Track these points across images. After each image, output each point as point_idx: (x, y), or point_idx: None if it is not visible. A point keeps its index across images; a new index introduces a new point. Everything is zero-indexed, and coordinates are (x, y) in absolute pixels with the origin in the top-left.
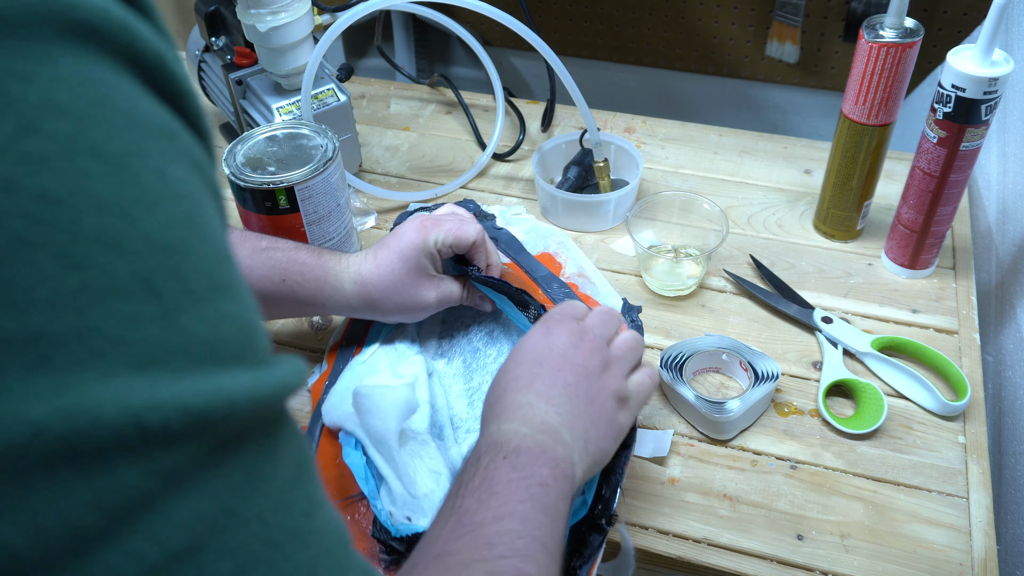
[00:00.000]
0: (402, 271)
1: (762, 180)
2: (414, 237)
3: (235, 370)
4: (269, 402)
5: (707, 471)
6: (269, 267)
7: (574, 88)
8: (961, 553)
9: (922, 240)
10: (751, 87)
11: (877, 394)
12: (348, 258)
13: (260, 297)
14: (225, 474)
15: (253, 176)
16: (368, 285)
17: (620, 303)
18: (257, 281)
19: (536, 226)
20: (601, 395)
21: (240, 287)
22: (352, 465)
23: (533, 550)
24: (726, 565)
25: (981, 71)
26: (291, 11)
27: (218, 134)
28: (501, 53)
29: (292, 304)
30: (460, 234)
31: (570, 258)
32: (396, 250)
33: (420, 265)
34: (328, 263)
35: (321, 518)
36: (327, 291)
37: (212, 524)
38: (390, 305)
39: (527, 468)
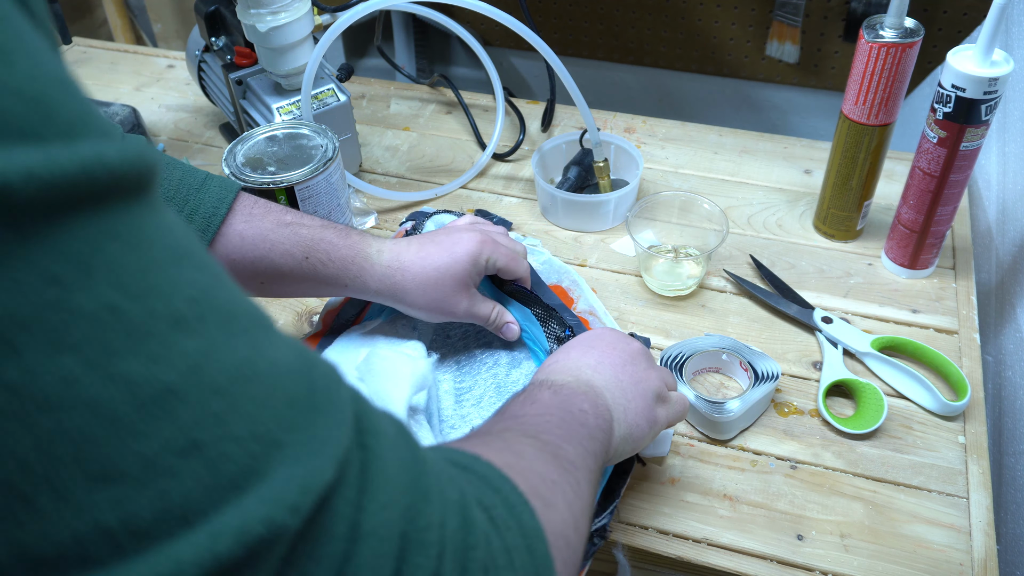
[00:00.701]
0: (448, 274)
1: (762, 180)
2: (472, 247)
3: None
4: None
5: (707, 471)
6: (292, 242)
7: (574, 88)
8: (961, 553)
9: (922, 240)
10: (751, 87)
11: (877, 394)
12: (383, 242)
13: (280, 273)
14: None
15: (253, 176)
16: (406, 272)
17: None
18: (279, 257)
19: (550, 260)
20: (644, 383)
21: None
22: None
23: (572, 438)
24: (726, 565)
25: (981, 71)
26: (291, 11)
27: (218, 134)
28: (501, 53)
29: (313, 283)
30: (511, 265)
31: (582, 296)
32: (449, 251)
33: (467, 275)
34: (357, 244)
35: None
36: (352, 271)
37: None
38: (420, 300)
39: (568, 397)
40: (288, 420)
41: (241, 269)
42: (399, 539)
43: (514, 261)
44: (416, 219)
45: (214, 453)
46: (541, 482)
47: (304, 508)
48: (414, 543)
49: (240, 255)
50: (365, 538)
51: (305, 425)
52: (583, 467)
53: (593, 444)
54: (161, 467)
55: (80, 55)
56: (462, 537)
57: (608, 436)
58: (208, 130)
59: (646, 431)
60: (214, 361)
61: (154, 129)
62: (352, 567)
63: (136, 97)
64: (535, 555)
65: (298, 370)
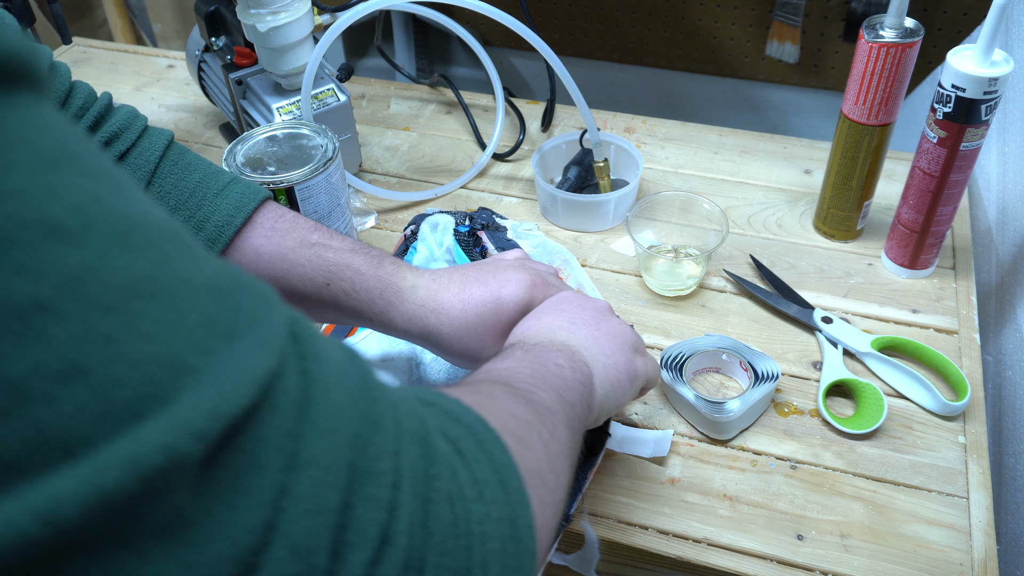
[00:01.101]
0: (492, 321)
1: (762, 180)
2: (521, 292)
3: None
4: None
5: (707, 471)
6: (314, 266)
7: (574, 88)
8: (961, 553)
9: (922, 240)
10: (751, 87)
11: (877, 394)
12: (418, 275)
13: (298, 298)
14: None
15: (253, 176)
16: (442, 315)
17: None
18: (297, 280)
19: (544, 242)
20: (620, 337)
21: None
22: None
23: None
24: (726, 565)
25: (981, 71)
26: (291, 11)
27: (218, 134)
28: (501, 53)
29: (335, 312)
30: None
31: (572, 275)
32: (495, 294)
33: (513, 323)
34: (388, 276)
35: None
36: (378, 306)
37: None
38: (457, 347)
39: (542, 354)
40: (202, 343)
41: None
42: (346, 469)
43: None
44: (417, 222)
45: (101, 377)
46: (513, 420)
47: (211, 434)
48: (364, 473)
49: (254, 272)
50: (303, 467)
51: (222, 348)
52: (560, 413)
53: (571, 395)
54: (32, 393)
55: (80, 55)
56: (423, 467)
57: (589, 391)
58: (208, 130)
59: (627, 386)
60: (101, 275)
61: None
62: (290, 499)
63: (136, 97)
64: (508, 489)
65: (218, 289)
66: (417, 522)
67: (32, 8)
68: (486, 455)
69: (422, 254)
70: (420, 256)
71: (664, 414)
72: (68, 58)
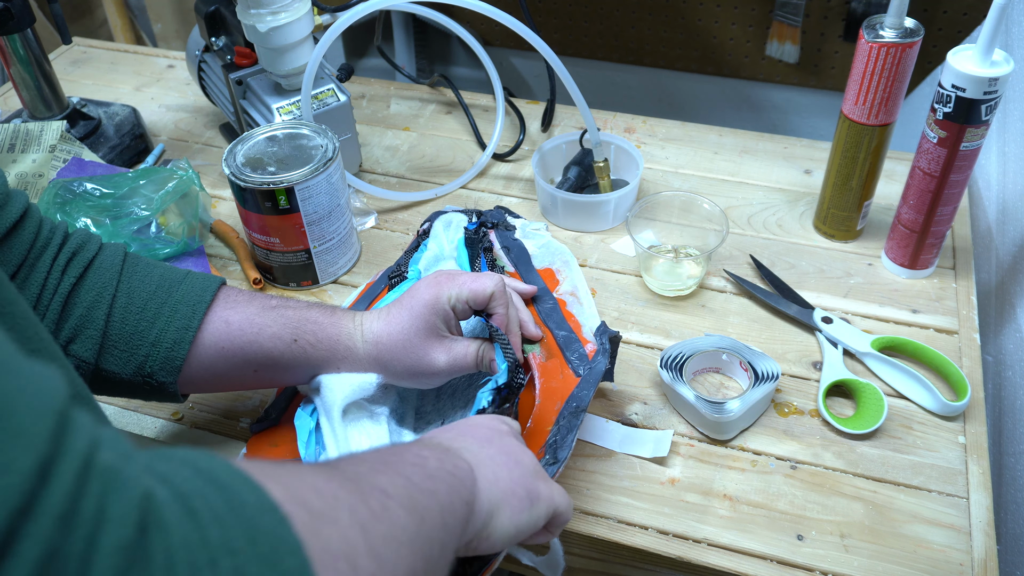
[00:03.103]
0: (411, 331)
1: (762, 180)
2: (426, 294)
3: None
4: None
5: (707, 471)
6: (280, 324)
7: (574, 88)
8: (961, 553)
9: (922, 240)
10: (751, 87)
11: (877, 394)
12: (362, 316)
13: (272, 359)
14: None
15: (253, 176)
16: (380, 345)
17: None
18: (267, 340)
19: (549, 243)
20: (517, 454)
21: None
22: (299, 428)
23: (390, 471)
24: (726, 565)
25: (981, 71)
26: (291, 11)
27: (218, 134)
28: (501, 53)
29: (305, 367)
30: (476, 288)
31: (568, 277)
32: (407, 307)
33: (431, 325)
34: (341, 321)
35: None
36: (340, 351)
37: None
38: (399, 367)
39: (407, 447)
40: None
41: (231, 357)
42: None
43: (477, 282)
44: (432, 220)
45: None
46: (313, 492)
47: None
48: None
49: (228, 342)
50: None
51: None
52: (401, 497)
53: (431, 483)
54: None
55: (80, 55)
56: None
57: (466, 487)
58: (208, 130)
59: (525, 503)
60: None
61: (154, 129)
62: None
63: (136, 97)
64: (278, 567)
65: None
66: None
67: (32, 8)
68: (242, 520)
69: (431, 252)
70: (429, 254)
71: (664, 414)
72: (68, 58)
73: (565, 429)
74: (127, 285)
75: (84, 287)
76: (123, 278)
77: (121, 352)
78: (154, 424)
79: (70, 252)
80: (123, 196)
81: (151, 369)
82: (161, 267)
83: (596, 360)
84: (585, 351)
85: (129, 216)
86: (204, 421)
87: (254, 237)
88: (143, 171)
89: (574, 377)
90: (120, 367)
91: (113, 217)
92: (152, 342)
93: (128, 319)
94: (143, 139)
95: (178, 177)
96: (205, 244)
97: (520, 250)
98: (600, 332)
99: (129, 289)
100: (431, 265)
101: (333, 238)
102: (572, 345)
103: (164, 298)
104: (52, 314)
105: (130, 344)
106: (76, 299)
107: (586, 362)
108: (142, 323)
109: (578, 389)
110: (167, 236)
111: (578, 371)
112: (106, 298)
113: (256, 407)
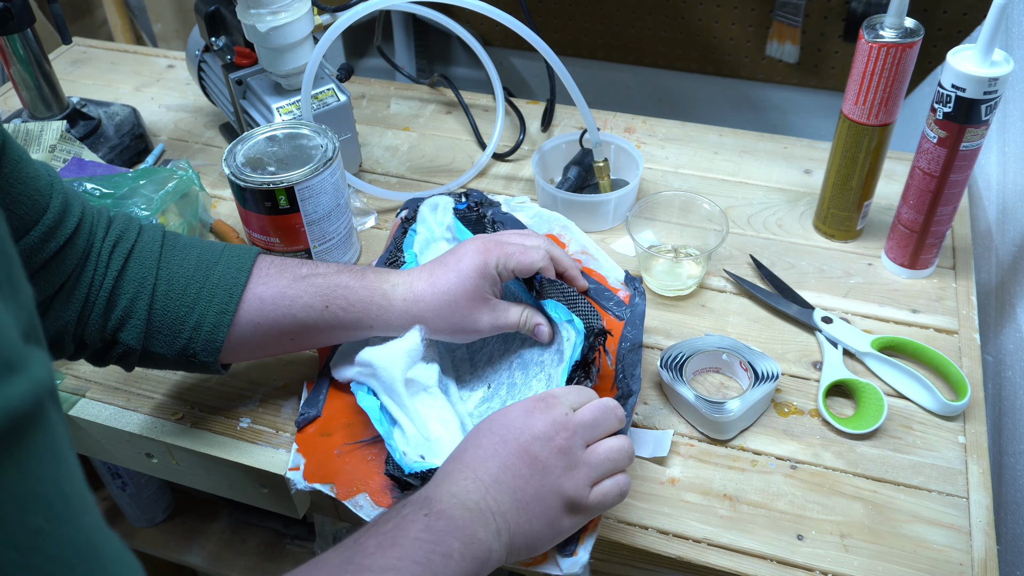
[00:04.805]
0: (459, 293)
1: (762, 180)
2: (476, 259)
3: None
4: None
5: (707, 471)
6: (311, 294)
7: (574, 88)
8: (961, 553)
9: (922, 240)
10: (751, 87)
11: (877, 394)
12: (398, 276)
13: (305, 327)
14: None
15: (253, 176)
16: (421, 303)
17: (623, 274)
18: (300, 311)
19: (540, 212)
20: (550, 496)
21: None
22: (367, 408)
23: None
24: (726, 565)
25: (981, 71)
26: (291, 11)
27: (218, 134)
28: (501, 53)
29: (338, 330)
30: (524, 260)
31: (573, 238)
32: (455, 270)
33: (479, 289)
34: (373, 283)
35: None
36: (373, 312)
37: None
38: (442, 325)
39: (439, 534)
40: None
41: (268, 330)
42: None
43: (525, 255)
44: (409, 207)
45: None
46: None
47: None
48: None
49: (263, 317)
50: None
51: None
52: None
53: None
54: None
55: (80, 55)
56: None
57: (481, 566)
58: (208, 130)
59: (543, 545)
60: None
61: (154, 129)
62: None
63: (136, 97)
64: None
65: None
66: None
67: (32, 8)
68: None
69: (422, 235)
70: (420, 237)
71: (664, 414)
72: (68, 58)
73: (630, 365)
74: (166, 271)
75: (126, 278)
76: (162, 263)
77: (165, 337)
78: (155, 424)
79: (112, 243)
80: (123, 196)
81: (193, 350)
82: (198, 246)
83: (634, 303)
84: (619, 297)
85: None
86: (204, 421)
87: (254, 237)
88: (143, 171)
89: (617, 322)
90: (165, 349)
91: None
92: (193, 326)
93: (169, 306)
94: (143, 139)
95: (178, 177)
96: None
97: (514, 222)
98: (629, 280)
99: (169, 275)
100: (423, 249)
101: (333, 238)
102: (604, 294)
103: (202, 281)
104: (99, 307)
105: (172, 329)
106: (120, 290)
107: (624, 307)
108: (182, 308)
109: (626, 330)
110: None
111: (619, 316)
112: (147, 287)
113: (256, 407)
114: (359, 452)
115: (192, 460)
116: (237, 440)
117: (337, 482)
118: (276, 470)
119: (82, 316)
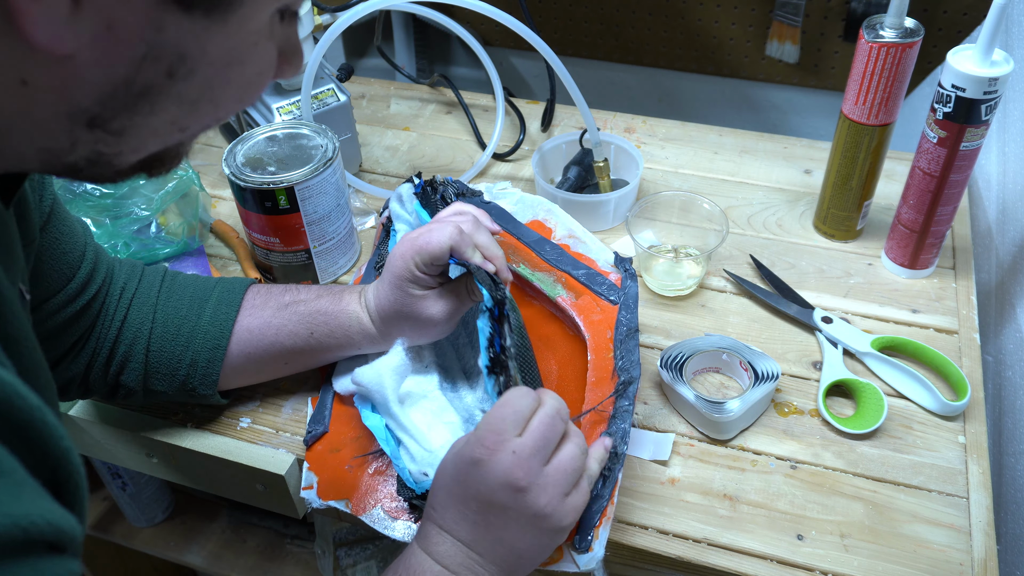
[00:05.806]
0: (398, 300)
1: (762, 180)
2: (399, 264)
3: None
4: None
5: (707, 471)
6: (295, 323)
7: (574, 88)
8: (961, 553)
9: (922, 240)
10: (751, 87)
11: (877, 394)
12: (365, 293)
13: (295, 352)
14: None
15: (253, 176)
16: (382, 316)
17: (612, 256)
18: (287, 339)
19: (523, 198)
20: (530, 526)
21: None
22: (373, 428)
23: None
24: (726, 565)
25: (981, 71)
26: None
27: (218, 134)
28: (501, 53)
29: (325, 353)
30: (430, 246)
31: (559, 223)
32: (387, 281)
33: (408, 292)
34: (348, 307)
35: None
36: (354, 334)
37: None
38: (410, 332)
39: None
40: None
41: (259, 359)
42: None
43: (430, 242)
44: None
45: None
46: None
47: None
48: None
49: (253, 348)
50: None
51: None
52: None
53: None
54: None
55: None
56: None
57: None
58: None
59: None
60: None
61: None
62: None
63: None
64: None
65: None
66: None
67: None
68: None
69: (401, 232)
70: (400, 235)
71: (664, 414)
72: None
73: (628, 351)
74: (162, 314)
75: (126, 326)
76: (159, 306)
77: (163, 376)
78: (155, 424)
79: (116, 295)
80: (123, 196)
81: (192, 385)
82: (192, 284)
83: (626, 285)
84: (611, 281)
85: (129, 216)
86: (204, 421)
87: (254, 237)
88: None
89: (611, 306)
90: (165, 387)
91: (113, 217)
92: (189, 363)
93: (164, 348)
94: None
95: (178, 177)
96: (205, 244)
97: (499, 211)
98: (619, 261)
99: (164, 318)
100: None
101: (333, 238)
102: (596, 279)
103: (195, 320)
104: (103, 357)
105: (169, 368)
106: (121, 338)
107: (616, 290)
108: (177, 348)
109: (621, 315)
110: (167, 236)
111: (612, 300)
112: (144, 332)
113: (256, 407)
114: (369, 465)
115: (192, 460)
116: (237, 440)
117: (352, 498)
118: (276, 470)
119: (88, 367)
